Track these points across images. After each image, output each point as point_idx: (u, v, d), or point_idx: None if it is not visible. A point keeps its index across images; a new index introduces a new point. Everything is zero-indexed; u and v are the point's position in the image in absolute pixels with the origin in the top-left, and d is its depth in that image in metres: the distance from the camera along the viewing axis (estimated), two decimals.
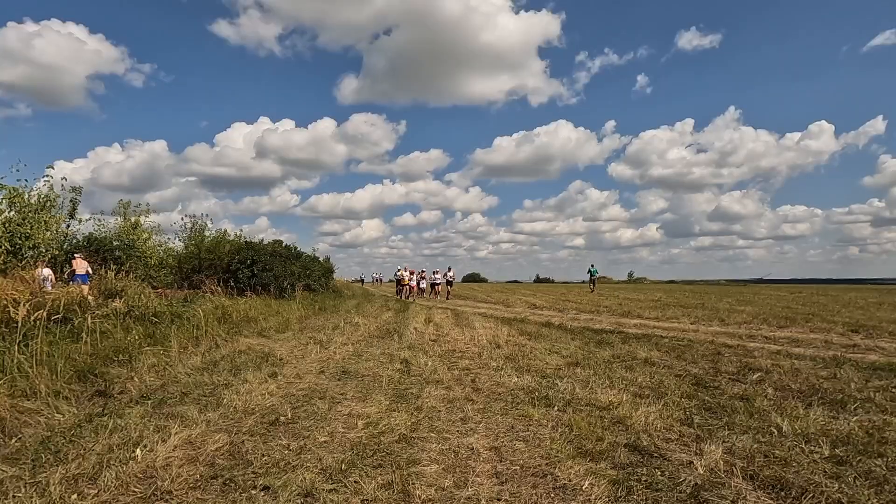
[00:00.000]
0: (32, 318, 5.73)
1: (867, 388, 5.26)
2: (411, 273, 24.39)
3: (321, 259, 25.76)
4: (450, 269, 25.05)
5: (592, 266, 31.23)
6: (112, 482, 3.04)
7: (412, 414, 4.47)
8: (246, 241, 17.73)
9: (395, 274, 26.21)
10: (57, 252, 10.69)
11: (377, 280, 54.07)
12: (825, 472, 3.15)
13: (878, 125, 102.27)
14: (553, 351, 7.84)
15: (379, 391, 5.32)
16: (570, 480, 3.08)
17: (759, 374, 5.99)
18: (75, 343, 6.24)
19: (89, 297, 8.54)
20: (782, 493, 2.90)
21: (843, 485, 2.96)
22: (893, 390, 5.15)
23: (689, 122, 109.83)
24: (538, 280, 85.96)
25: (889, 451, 3.46)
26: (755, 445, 3.61)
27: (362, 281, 55.05)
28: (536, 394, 5.12)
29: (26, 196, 10.19)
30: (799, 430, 3.88)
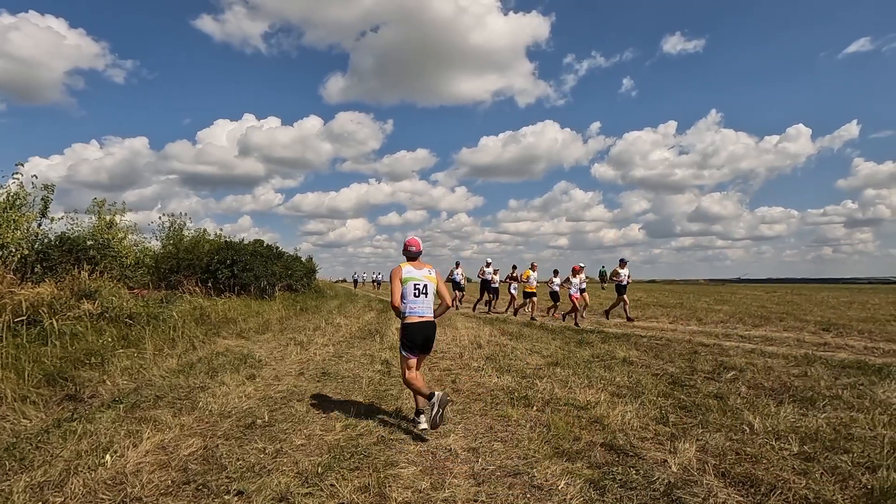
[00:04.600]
0: None
1: (836, 385, 5.42)
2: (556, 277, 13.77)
3: (304, 259, 25.32)
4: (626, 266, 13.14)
5: (603, 267, 33.46)
6: (79, 489, 2.96)
7: (391, 416, 4.45)
8: (226, 241, 17.43)
9: (455, 274, 17.52)
10: (27, 252, 10.35)
11: (375, 282, 42.45)
12: (794, 468, 3.23)
13: (852, 129, 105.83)
14: (534, 351, 7.89)
15: (358, 393, 5.29)
16: (546, 480, 3.10)
17: (734, 372, 6.12)
18: (44, 346, 6.06)
19: None
20: (752, 490, 2.96)
21: (810, 481, 3.03)
22: (860, 387, 5.30)
23: (672, 124, 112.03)
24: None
25: (854, 447, 3.56)
26: (727, 443, 3.68)
27: (355, 282, 44.42)
28: (516, 394, 5.14)
29: None
30: (770, 428, 3.97)
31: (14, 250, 9.99)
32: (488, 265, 16.29)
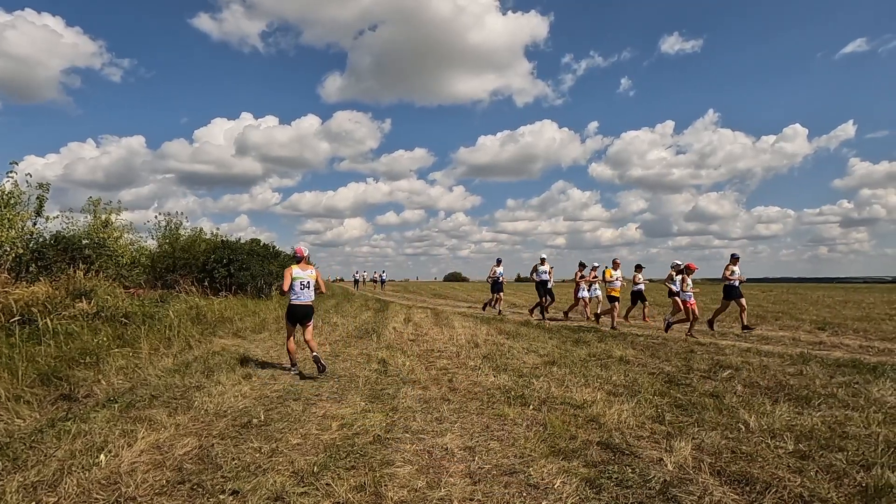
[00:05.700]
0: None
1: (831, 384, 5.44)
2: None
3: None
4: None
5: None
6: (73, 489, 2.94)
7: (387, 415, 4.44)
8: (222, 240, 17.39)
9: (497, 273, 14.97)
10: (22, 251, 10.30)
11: (376, 280, 39.19)
12: (789, 466, 3.24)
13: (848, 129, 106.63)
14: (531, 350, 7.89)
15: (355, 392, 5.28)
16: (542, 479, 3.10)
17: (730, 371, 6.13)
18: (39, 345, 6.02)
19: None
20: (748, 489, 2.97)
21: (805, 479, 3.04)
22: (855, 386, 5.33)
23: (670, 123, 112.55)
24: (519, 279, 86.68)
25: (849, 445, 3.57)
26: (723, 441, 3.69)
27: (356, 282, 41.08)
28: (512, 393, 5.14)
29: None
30: (765, 426, 3.98)
31: (8, 249, 9.93)
32: (542, 263, 13.82)
